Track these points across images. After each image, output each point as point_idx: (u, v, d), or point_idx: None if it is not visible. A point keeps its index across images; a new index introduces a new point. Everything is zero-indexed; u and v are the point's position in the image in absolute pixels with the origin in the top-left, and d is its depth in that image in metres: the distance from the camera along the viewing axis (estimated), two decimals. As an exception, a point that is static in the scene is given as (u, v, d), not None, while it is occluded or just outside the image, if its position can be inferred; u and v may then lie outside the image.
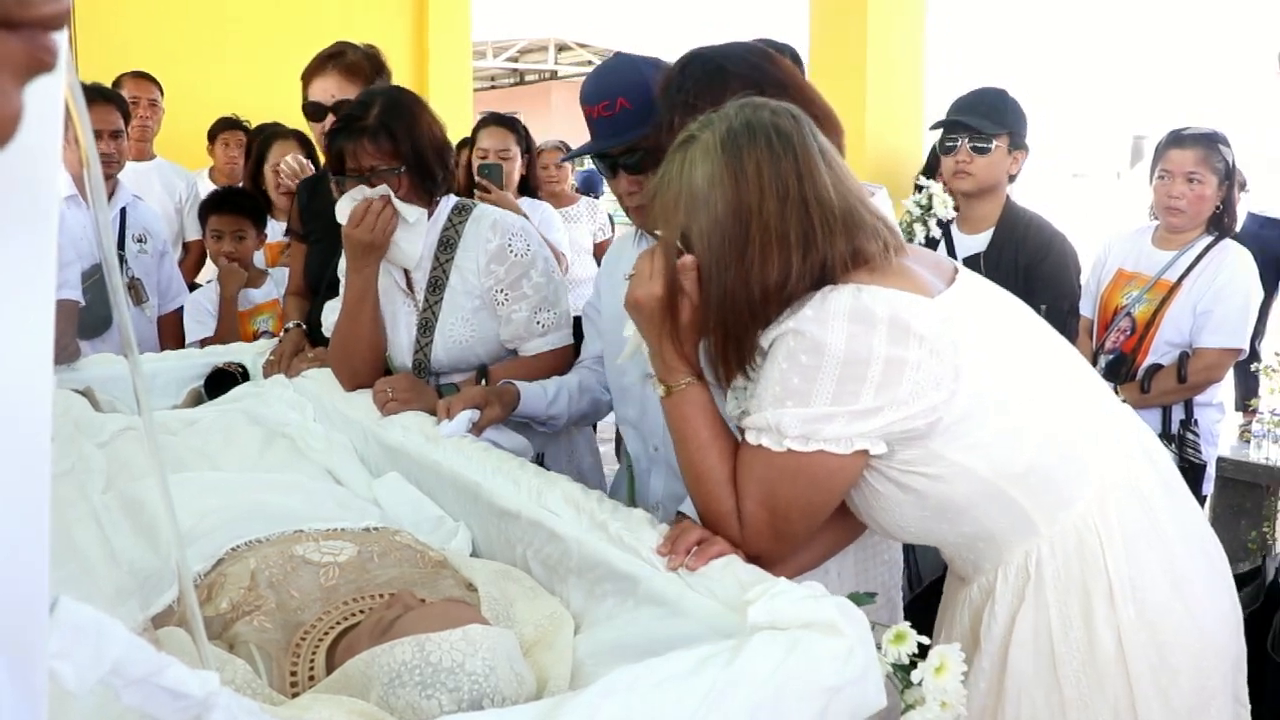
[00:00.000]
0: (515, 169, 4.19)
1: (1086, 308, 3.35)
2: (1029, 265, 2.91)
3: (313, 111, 2.80)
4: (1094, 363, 3.25)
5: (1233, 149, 3.12)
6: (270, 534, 1.68)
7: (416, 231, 2.29)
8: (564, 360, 2.34)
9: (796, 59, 2.72)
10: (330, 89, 2.79)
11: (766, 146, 1.37)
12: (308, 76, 2.83)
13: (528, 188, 4.40)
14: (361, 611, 1.45)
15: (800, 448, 1.35)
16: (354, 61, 2.86)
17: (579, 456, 2.54)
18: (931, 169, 3.30)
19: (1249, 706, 1.54)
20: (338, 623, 1.43)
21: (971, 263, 2.95)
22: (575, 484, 1.66)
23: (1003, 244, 2.97)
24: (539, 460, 2.22)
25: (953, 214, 3.13)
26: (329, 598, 1.49)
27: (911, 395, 1.32)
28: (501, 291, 2.31)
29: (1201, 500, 2.97)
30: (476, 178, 3.88)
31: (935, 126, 3.17)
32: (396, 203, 2.23)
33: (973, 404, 1.35)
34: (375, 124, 2.21)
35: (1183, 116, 3.60)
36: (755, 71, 1.67)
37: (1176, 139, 3.15)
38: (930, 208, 3.13)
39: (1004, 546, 1.45)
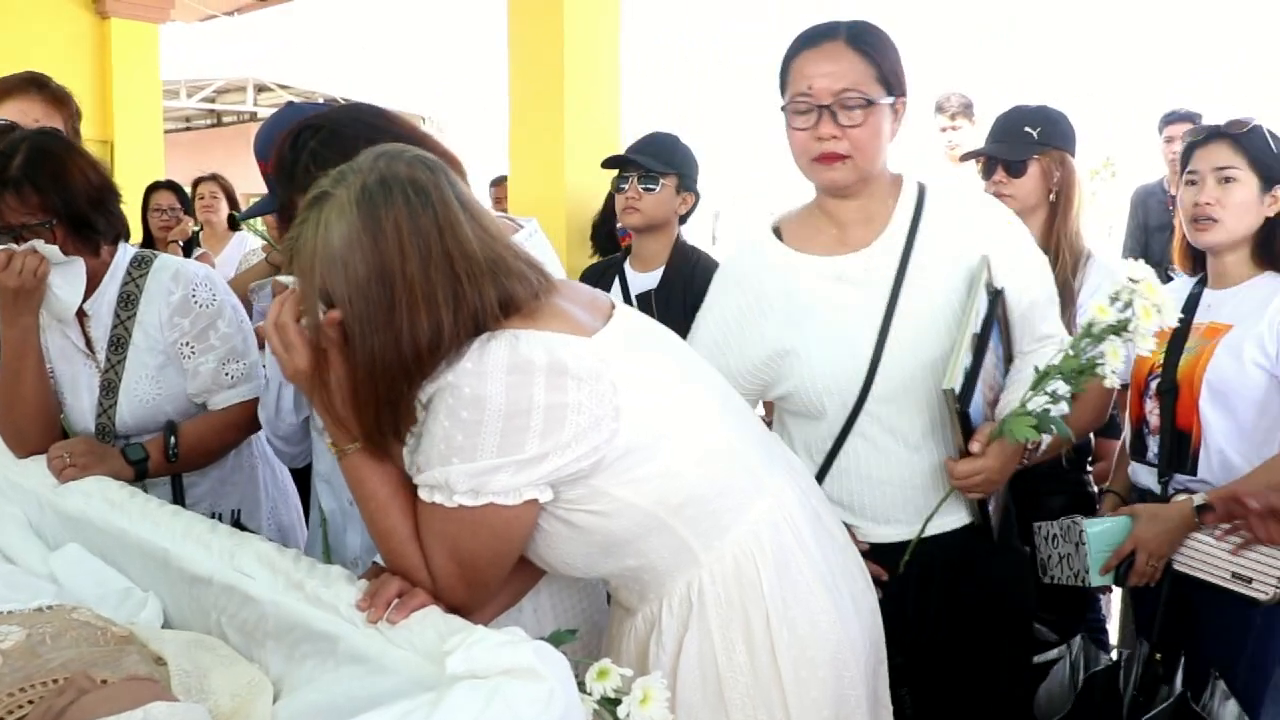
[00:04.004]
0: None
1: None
2: (696, 301, 3.05)
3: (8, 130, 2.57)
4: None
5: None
6: (-78, 625, 1.53)
7: (73, 275, 2.12)
8: (253, 413, 2.23)
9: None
10: (33, 112, 2.61)
11: (404, 203, 1.33)
12: None
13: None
14: (30, 701, 1.34)
15: (471, 502, 1.35)
16: (59, 92, 2.68)
17: (279, 512, 2.46)
18: (610, 207, 3.43)
19: (891, 709, 1.68)
20: (1, 717, 1.31)
21: (644, 299, 3.10)
22: (269, 543, 1.61)
23: (672, 281, 3.12)
24: (235, 518, 2.12)
25: None
26: (-8, 689, 1.37)
27: (574, 438, 1.34)
28: (187, 344, 2.21)
29: None
30: None
31: (606, 164, 3.30)
32: (42, 245, 2.05)
33: (634, 440, 1.39)
34: (18, 176, 2.03)
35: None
36: (372, 131, 1.66)
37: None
38: None
39: (667, 577, 1.51)
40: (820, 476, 1.91)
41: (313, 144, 1.68)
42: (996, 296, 1.90)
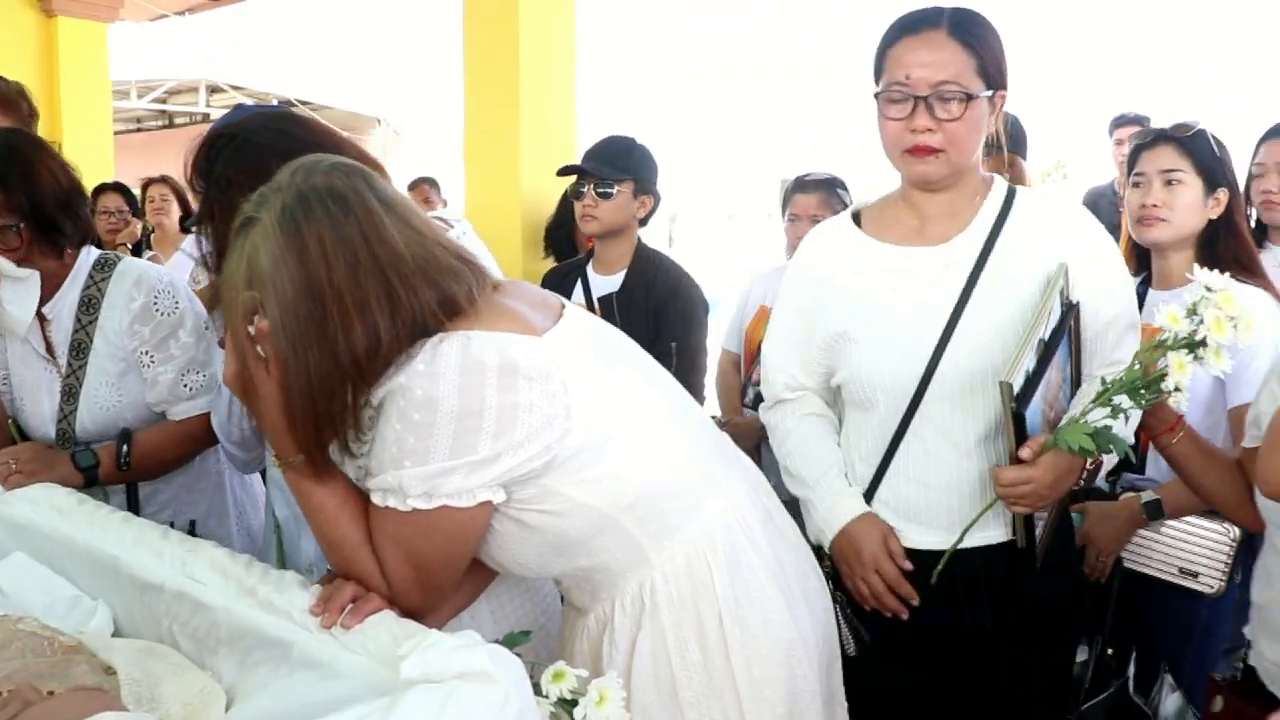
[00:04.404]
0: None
1: (734, 343, 3.57)
2: (658, 305, 3.08)
3: None
4: (743, 395, 3.47)
5: (850, 192, 3.43)
6: None
7: (26, 290, 2.09)
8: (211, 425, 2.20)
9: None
10: None
11: (325, 215, 1.32)
12: None
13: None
14: (-26, 713, 1.31)
15: (425, 505, 1.35)
16: (7, 94, 2.62)
17: (248, 517, 2.43)
18: (564, 209, 3.44)
19: (845, 705, 1.69)
20: (-56, 729, 1.29)
21: (605, 302, 3.11)
22: (222, 549, 1.59)
23: (634, 285, 3.13)
24: (191, 528, 2.10)
25: None
26: (-66, 703, 1.34)
27: (526, 438, 1.35)
28: (147, 353, 2.17)
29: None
30: None
31: (561, 172, 3.31)
32: None
33: (585, 440, 1.40)
34: None
35: (820, 161, 3.95)
36: (283, 138, 1.66)
37: (801, 184, 3.43)
38: None
39: (619, 577, 1.51)
40: (877, 479, 1.88)
41: (226, 152, 1.67)
42: (1070, 309, 1.83)
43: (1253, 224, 2.89)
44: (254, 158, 1.60)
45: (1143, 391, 1.63)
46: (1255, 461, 1.79)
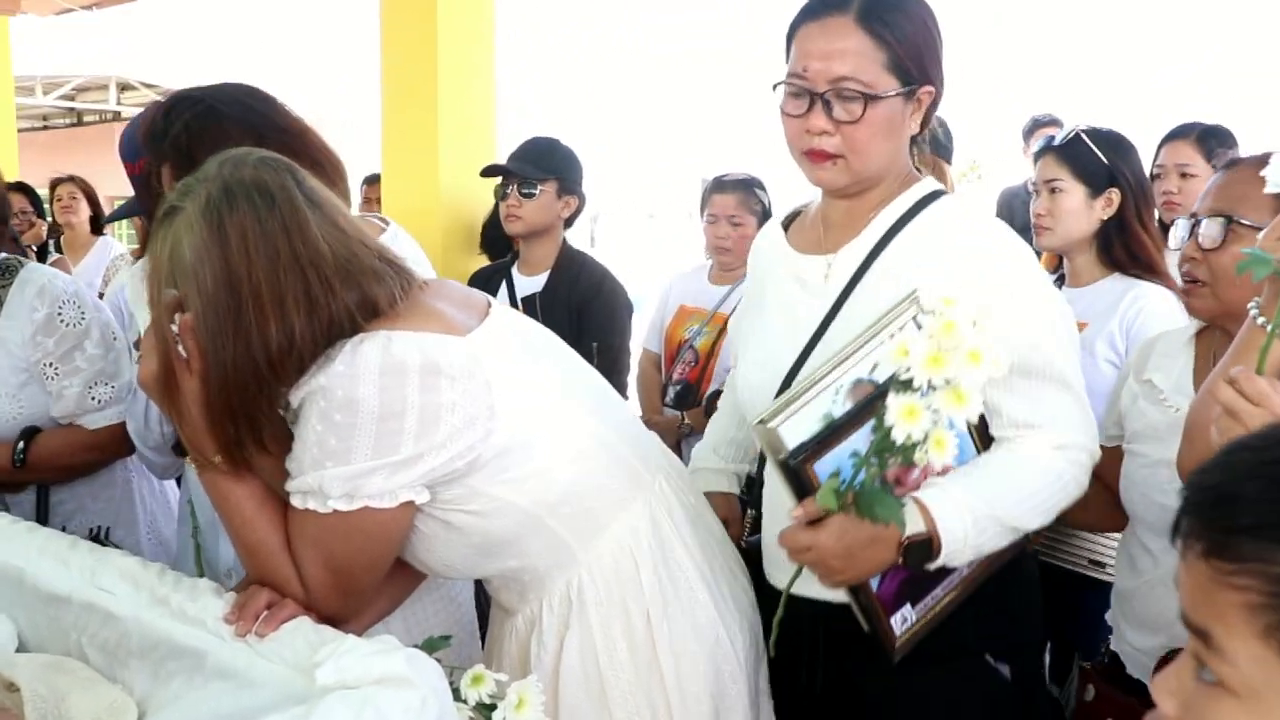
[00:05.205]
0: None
1: (654, 343, 3.59)
2: (581, 304, 3.11)
3: None
4: (664, 394, 3.49)
5: (768, 193, 3.47)
6: None
7: None
8: (121, 436, 2.14)
9: None
10: None
11: (250, 208, 1.31)
12: None
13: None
14: None
15: (345, 507, 1.34)
16: None
17: (159, 525, 2.38)
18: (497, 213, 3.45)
19: (772, 701, 1.69)
20: None
21: (529, 302, 3.12)
22: (133, 558, 1.55)
23: (557, 284, 3.15)
24: (96, 535, 2.04)
25: None
26: None
27: (449, 438, 1.34)
28: (51, 365, 2.11)
29: None
30: None
31: (485, 173, 3.32)
32: None
33: (510, 439, 1.39)
34: None
35: (742, 160, 3.98)
36: (251, 115, 1.64)
37: (719, 185, 3.47)
38: None
39: (546, 577, 1.51)
40: (757, 505, 1.74)
41: (188, 116, 1.63)
42: None
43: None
44: (215, 127, 1.57)
45: (888, 456, 1.32)
46: (1112, 461, 1.84)
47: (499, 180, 3.25)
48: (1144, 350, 1.97)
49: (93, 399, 2.14)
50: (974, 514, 1.46)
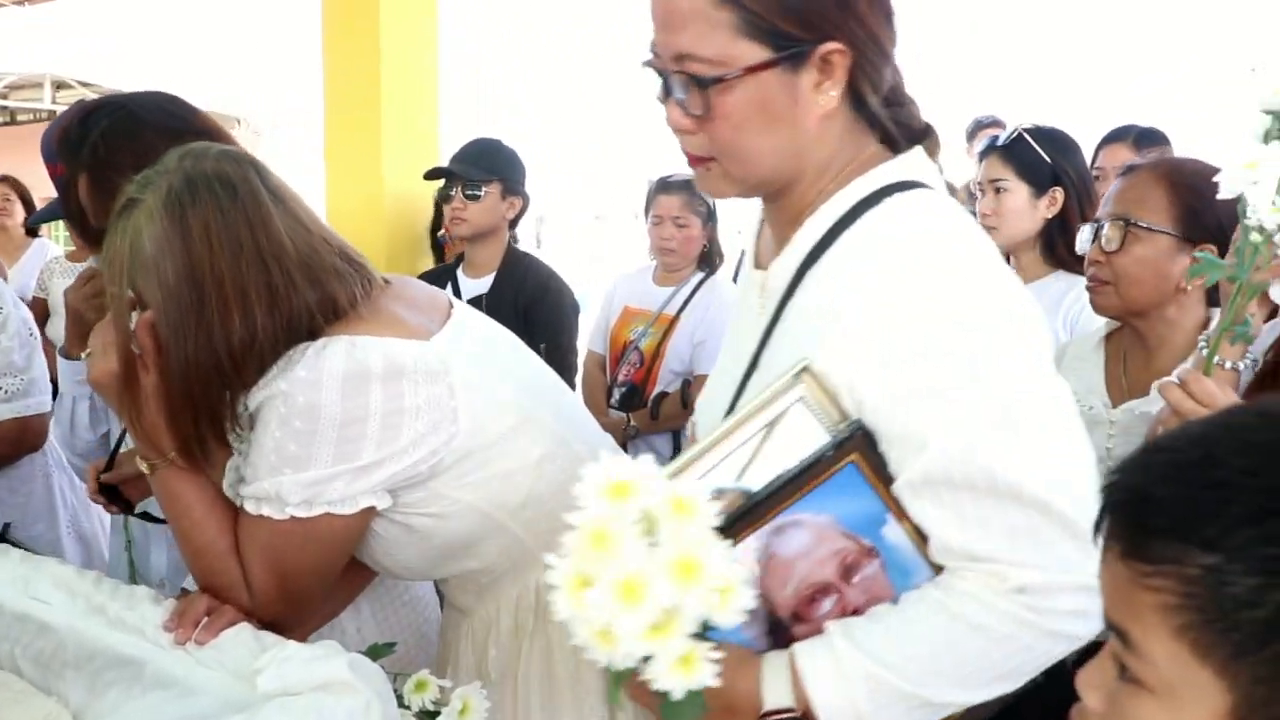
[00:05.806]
0: None
1: (599, 344, 3.60)
2: (528, 306, 3.11)
3: None
4: (609, 395, 3.50)
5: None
6: None
7: None
8: (29, 429, 2.16)
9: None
10: None
11: (213, 200, 1.30)
12: None
13: None
14: None
15: (304, 513, 1.33)
16: None
17: (80, 521, 2.36)
18: (438, 218, 3.46)
19: None
20: None
21: (475, 304, 3.09)
22: (67, 566, 1.53)
23: (503, 286, 3.15)
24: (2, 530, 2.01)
25: None
26: None
27: (412, 443, 1.34)
28: None
29: None
30: None
31: (429, 175, 3.31)
32: None
33: (472, 442, 1.39)
34: None
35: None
36: (172, 120, 1.63)
37: (664, 186, 3.48)
38: None
39: (505, 579, 1.50)
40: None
41: (106, 122, 1.61)
42: (850, 439, 1.09)
43: None
44: (133, 133, 1.55)
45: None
46: None
47: (441, 183, 3.24)
48: (1056, 356, 2.02)
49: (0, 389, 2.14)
50: (868, 682, 1.05)
